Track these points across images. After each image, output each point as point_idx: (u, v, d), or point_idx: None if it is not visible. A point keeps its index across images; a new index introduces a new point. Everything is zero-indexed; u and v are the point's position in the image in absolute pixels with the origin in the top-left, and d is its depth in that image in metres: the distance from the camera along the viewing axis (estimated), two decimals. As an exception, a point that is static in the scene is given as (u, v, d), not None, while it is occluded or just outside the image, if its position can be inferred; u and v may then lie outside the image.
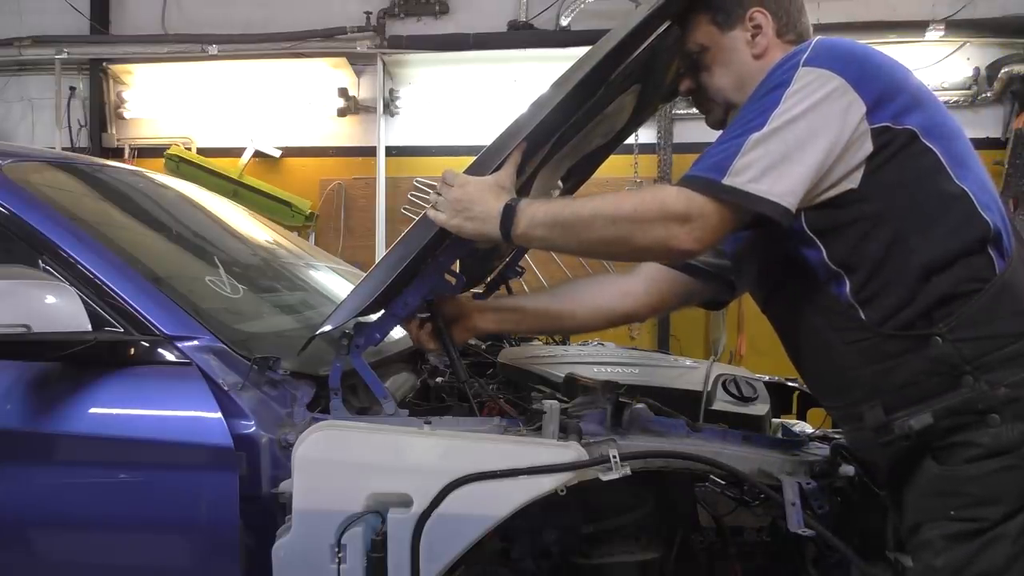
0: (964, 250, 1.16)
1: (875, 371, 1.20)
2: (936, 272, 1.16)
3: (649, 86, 1.76)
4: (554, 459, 1.22)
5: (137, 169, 2.39)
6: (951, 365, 1.13)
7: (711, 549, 1.45)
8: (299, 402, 1.41)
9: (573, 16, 4.65)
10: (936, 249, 1.16)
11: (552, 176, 2.07)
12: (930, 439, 1.16)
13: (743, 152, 1.15)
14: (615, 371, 1.78)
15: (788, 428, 1.62)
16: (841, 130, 1.15)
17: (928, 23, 4.35)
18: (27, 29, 5.14)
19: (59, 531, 1.40)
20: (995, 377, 1.12)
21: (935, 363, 1.14)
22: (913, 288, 1.16)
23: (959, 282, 1.15)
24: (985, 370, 1.12)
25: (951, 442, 1.15)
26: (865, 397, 1.22)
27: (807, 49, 1.20)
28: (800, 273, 1.26)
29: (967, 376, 1.13)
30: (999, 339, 1.13)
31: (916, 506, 1.20)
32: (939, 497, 1.16)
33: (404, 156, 4.97)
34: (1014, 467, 1.11)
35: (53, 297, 1.33)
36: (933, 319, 1.15)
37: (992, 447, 1.11)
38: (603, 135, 2.18)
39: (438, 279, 1.44)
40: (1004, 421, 1.11)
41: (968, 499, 1.13)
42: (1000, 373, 1.12)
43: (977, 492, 1.13)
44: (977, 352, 1.13)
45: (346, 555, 1.21)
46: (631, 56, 1.43)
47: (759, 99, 1.19)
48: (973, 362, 1.13)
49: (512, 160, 1.32)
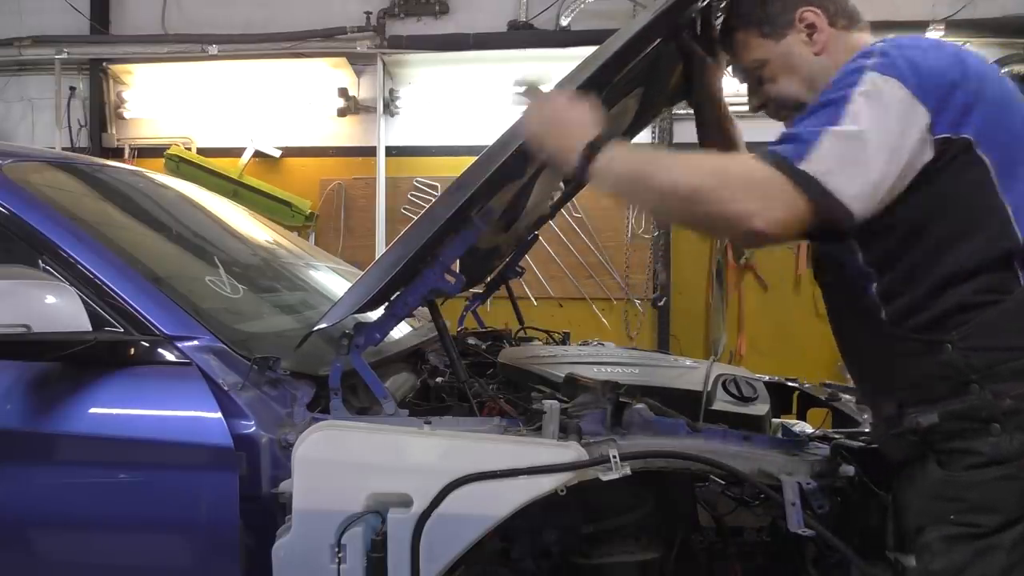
0: (990, 263, 1.15)
1: (892, 367, 1.22)
2: (959, 281, 1.15)
3: (652, 89, 1.75)
4: (554, 459, 1.22)
5: (137, 169, 2.39)
6: (959, 372, 1.14)
7: (711, 549, 1.45)
8: (299, 402, 1.41)
9: (573, 16, 4.65)
10: (964, 259, 1.16)
11: (555, 177, 2.07)
12: (934, 441, 1.17)
13: (819, 143, 1.11)
14: (615, 371, 1.78)
15: (788, 428, 1.61)
16: (905, 141, 1.12)
17: (928, 23, 4.35)
18: (27, 29, 5.14)
19: (59, 531, 1.40)
20: (1001, 388, 1.12)
21: (944, 368, 1.15)
22: (934, 293, 1.17)
23: (978, 292, 1.15)
24: (992, 380, 1.12)
25: (953, 447, 1.15)
26: (883, 389, 1.26)
27: (874, 52, 1.18)
28: (836, 266, 1.29)
29: (974, 384, 1.13)
30: (1009, 351, 1.13)
31: (920, 509, 1.20)
32: (941, 501, 1.17)
33: (404, 156, 4.96)
34: (1013, 477, 1.11)
35: (53, 297, 1.33)
36: (947, 326, 1.15)
37: (992, 456, 1.12)
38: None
39: (438, 278, 1.44)
40: (1005, 431, 1.11)
41: (967, 504, 1.14)
42: (1006, 385, 1.12)
43: (976, 499, 1.13)
44: (986, 363, 1.13)
45: (346, 555, 1.21)
46: (635, 60, 1.43)
47: (825, 106, 1.16)
48: (981, 371, 1.13)
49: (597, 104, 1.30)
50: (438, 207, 1.37)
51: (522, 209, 1.89)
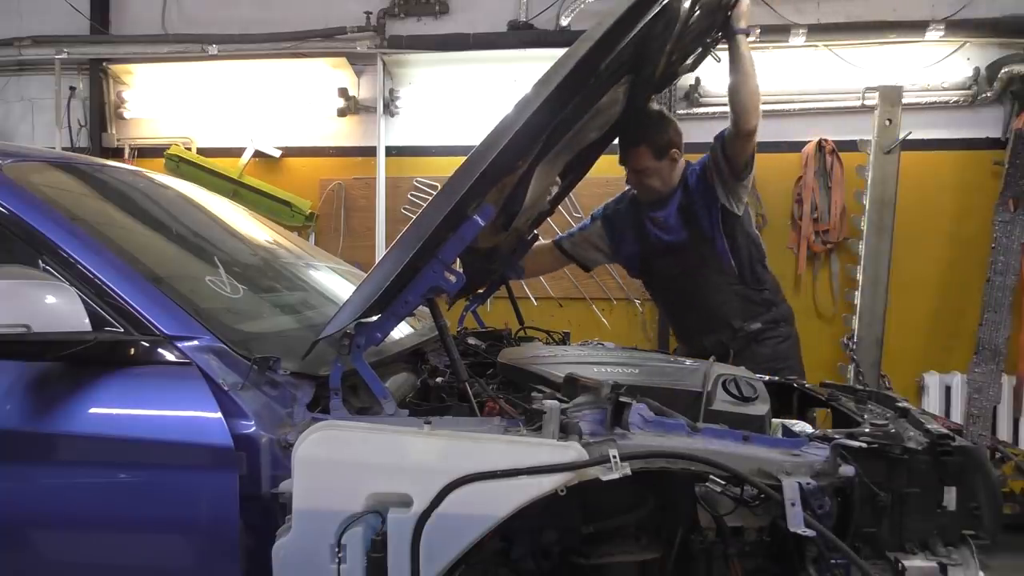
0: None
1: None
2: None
3: (640, 76, 1.76)
4: (554, 459, 1.22)
5: (137, 169, 2.39)
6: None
7: (711, 549, 1.45)
8: (299, 402, 1.41)
9: (573, 16, 4.65)
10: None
11: (550, 172, 2.08)
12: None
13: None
14: (615, 371, 1.78)
15: (788, 428, 1.62)
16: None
17: (928, 23, 4.35)
18: (27, 29, 5.13)
19: (59, 531, 1.40)
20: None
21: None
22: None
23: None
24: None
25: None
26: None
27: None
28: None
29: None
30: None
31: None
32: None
33: (404, 156, 4.96)
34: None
35: (53, 297, 1.33)
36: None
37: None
38: (598, 128, 2.19)
39: (439, 277, 1.44)
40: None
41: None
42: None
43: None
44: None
45: (346, 555, 1.21)
46: (618, 46, 1.43)
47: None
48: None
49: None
50: (435, 205, 1.37)
51: (520, 205, 1.89)
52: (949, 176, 4.51)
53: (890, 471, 1.39)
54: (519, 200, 1.86)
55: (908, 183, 4.30)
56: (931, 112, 4.48)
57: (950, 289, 4.52)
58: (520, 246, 2.69)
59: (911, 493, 1.39)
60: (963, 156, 4.50)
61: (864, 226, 4.30)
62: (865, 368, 4.08)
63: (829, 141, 4.52)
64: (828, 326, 4.58)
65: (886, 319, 4.27)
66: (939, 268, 4.54)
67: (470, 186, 1.35)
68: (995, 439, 4.20)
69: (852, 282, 4.47)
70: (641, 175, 2.71)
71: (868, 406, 1.79)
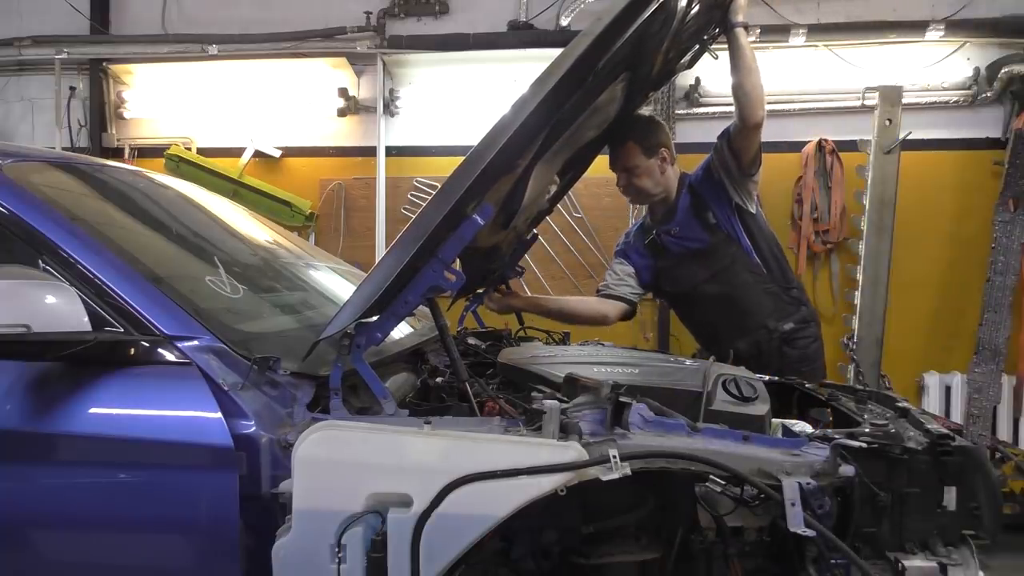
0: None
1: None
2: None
3: (638, 74, 1.76)
4: (554, 459, 1.22)
5: (137, 169, 2.39)
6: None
7: (711, 549, 1.45)
8: (299, 402, 1.41)
9: (573, 16, 4.65)
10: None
11: (549, 170, 2.08)
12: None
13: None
14: (615, 371, 1.78)
15: (788, 428, 1.62)
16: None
17: (928, 23, 4.35)
18: (27, 29, 5.14)
19: (59, 531, 1.40)
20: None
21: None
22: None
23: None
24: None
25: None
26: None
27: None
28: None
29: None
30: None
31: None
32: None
33: (404, 156, 4.96)
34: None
35: (53, 297, 1.33)
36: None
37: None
38: (597, 127, 2.19)
39: (438, 277, 1.44)
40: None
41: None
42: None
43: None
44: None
45: (346, 555, 1.21)
46: (616, 44, 1.43)
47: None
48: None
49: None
50: (435, 204, 1.37)
51: (519, 203, 1.89)
52: (949, 176, 4.51)
53: (890, 471, 1.39)
54: (518, 199, 1.86)
55: (908, 183, 4.30)
56: (931, 112, 4.48)
57: (950, 289, 4.52)
58: (520, 246, 2.70)
59: (911, 493, 1.39)
60: (963, 156, 4.50)
61: (864, 226, 4.30)
62: (865, 368, 4.08)
63: (829, 141, 4.52)
64: (828, 326, 4.56)
65: (886, 319, 4.28)
66: (939, 268, 4.54)
67: (469, 185, 1.35)
68: (995, 439, 4.21)
69: (852, 282, 4.47)
70: (631, 174, 2.67)
71: (868, 406, 1.79)
